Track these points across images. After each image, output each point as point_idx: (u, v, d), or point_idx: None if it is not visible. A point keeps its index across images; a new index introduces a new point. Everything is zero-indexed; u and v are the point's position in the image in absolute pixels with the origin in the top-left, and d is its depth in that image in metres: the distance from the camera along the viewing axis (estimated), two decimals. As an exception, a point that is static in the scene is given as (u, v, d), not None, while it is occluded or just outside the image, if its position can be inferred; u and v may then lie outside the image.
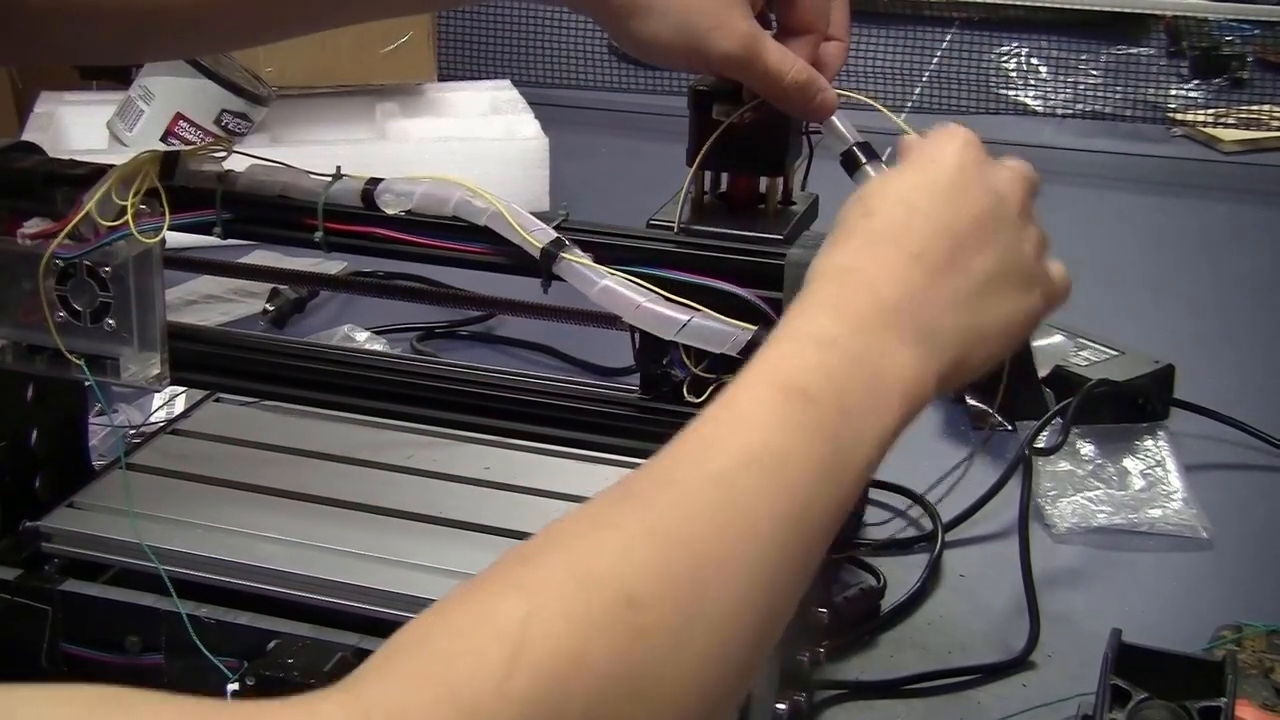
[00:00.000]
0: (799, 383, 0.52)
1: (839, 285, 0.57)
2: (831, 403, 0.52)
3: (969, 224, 0.60)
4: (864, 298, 0.56)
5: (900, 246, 0.58)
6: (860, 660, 0.87)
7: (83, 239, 0.74)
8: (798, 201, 0.75)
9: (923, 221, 0.59)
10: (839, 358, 0.54)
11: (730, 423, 0.51)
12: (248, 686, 0.73)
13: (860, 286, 0.56)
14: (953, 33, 2.30)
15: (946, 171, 0.61)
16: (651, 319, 0.67)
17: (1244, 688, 0.78)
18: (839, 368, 0.53)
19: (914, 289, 0.57)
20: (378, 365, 0.84)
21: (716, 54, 0.68)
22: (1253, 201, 1.83)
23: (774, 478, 0.50)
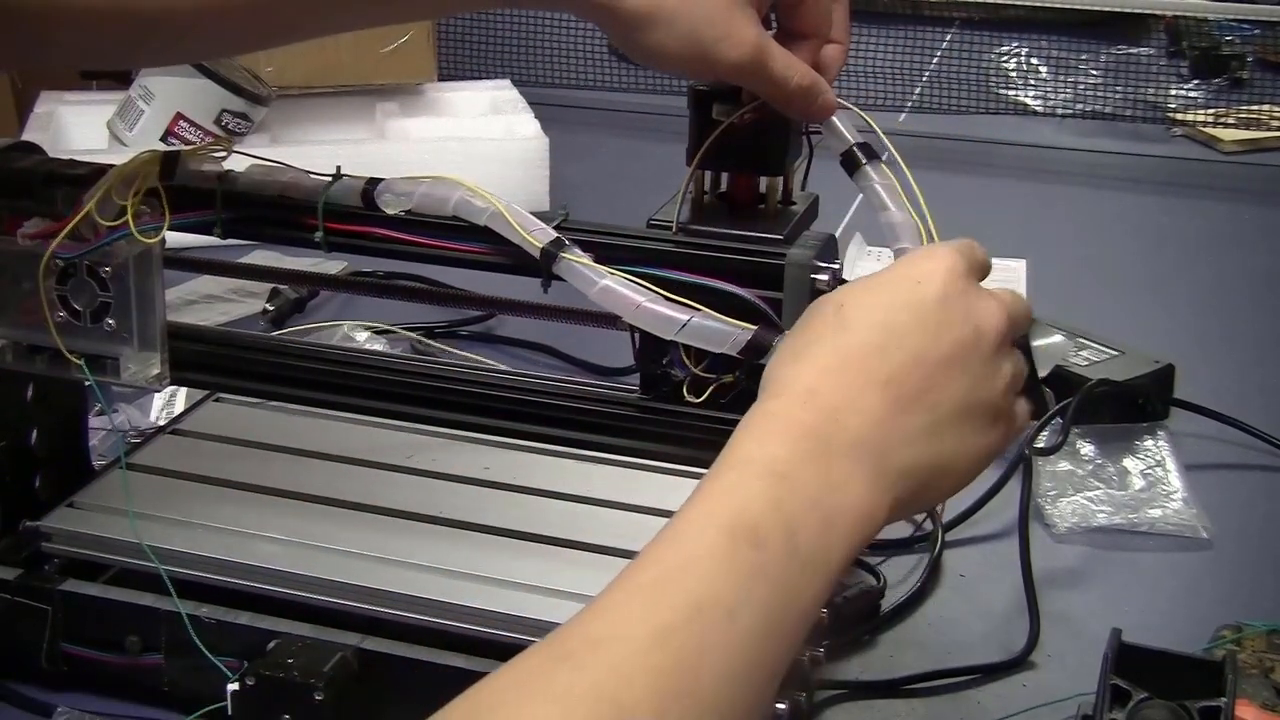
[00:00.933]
0: (749, 524, 0.51)
1: (800, 409, 0.56)
2: (782, 546, 0.51)
3: (944, 356, 0.59)
4: (824, 426, 0.55)
5: (870, 374, 0.57)
6: (860, 660, 0.87)
7: (83, 239, 0.74)
8: (798, 201, 0.75)
9: (897, 348, 0.58)
10: (792, 495, 0.53)
11: (676, 569, 0.50)
12: (248, 686, 0.74)
13: (822, 413, 0.55)
14: (953, 33, 2.30)
15: (931, 296, 0.59)
16: (651, 319, 0.67)
17: (1244, 688, 0.78)
18: (791, 506, 0.52)
19: (878, 421, 0.56)
20: (378, 365, 0.84)
21: (724, 64, 0.68)
22: (1253, 201, 1.83)
23: (721, 633, 0.48)
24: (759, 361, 0.65)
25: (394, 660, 0.75)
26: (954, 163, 0.69)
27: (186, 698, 0.77)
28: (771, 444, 0.54)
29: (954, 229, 0.80)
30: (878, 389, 0.57)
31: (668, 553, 0.51)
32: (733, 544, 0.50)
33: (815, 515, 0.53)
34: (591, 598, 0.74)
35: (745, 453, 0.54)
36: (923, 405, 0.58)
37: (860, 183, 0.70)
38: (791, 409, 0.56)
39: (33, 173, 0.78)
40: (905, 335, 0.58)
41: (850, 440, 0.55)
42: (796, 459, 0.54)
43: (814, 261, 0.67)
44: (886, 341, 0.58)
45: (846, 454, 0.55)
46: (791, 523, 0.52)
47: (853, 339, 0.58)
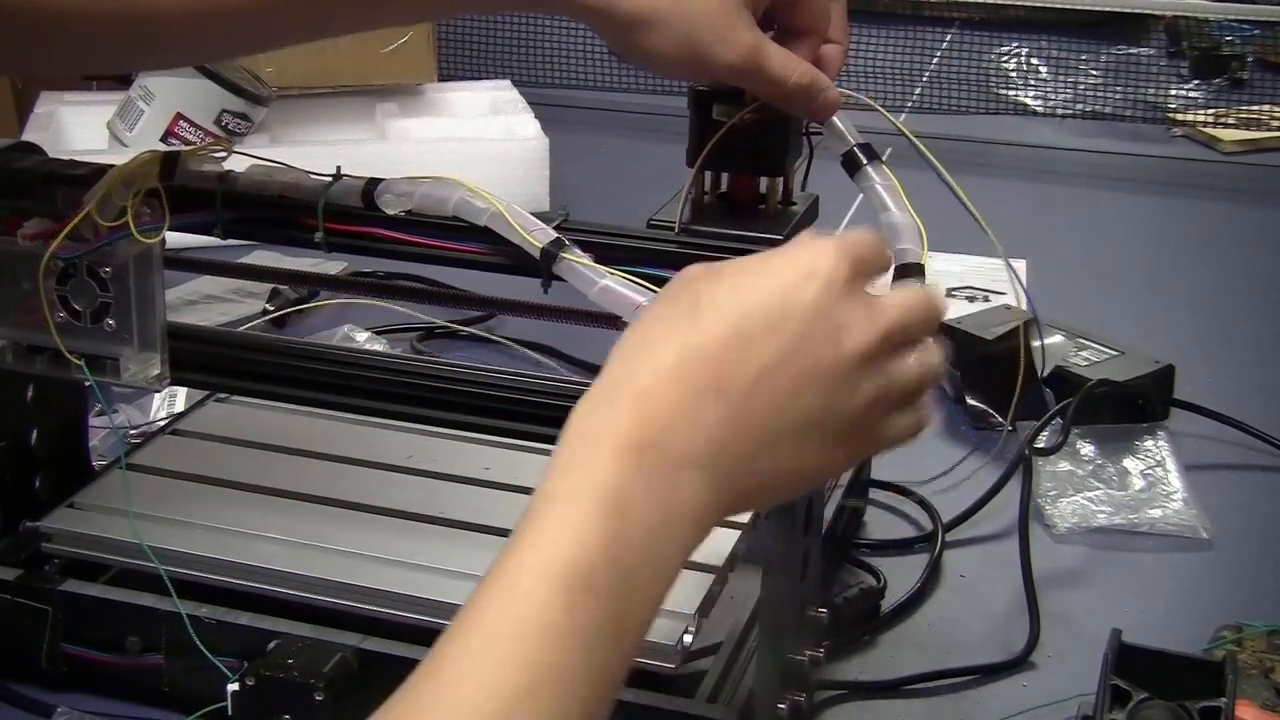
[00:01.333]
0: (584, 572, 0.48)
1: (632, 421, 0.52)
2: (620, 586, 0.49)
3: (795, 373, 0.55)
4: (657, 441, 0.52)
5: (712, 384, 0.53)
6: (860, 660, 0.87)
7: (83, 239, 0.74)
8: (798, 201, 0.75)
9: (744, 359, 0.54)
10: (627, 529, 0.50)
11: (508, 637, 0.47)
12: (248, 686, 0.74)
13: (655, 427, 0.52)
14: (953, 33, 2.31)
15: (795, 306, 0.55)
16: None
17: (1244, 688, 0.78)
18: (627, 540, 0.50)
19: (714, 437, 0.53)
20: (378, 365, 0.84)
21: (720, 66, 0.68)
22: (1253, 201, 1.83)
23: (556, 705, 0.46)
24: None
25: (394, 660, 0.75)
26: (954, 163, 0.69)
27: (186, 698, 0.77)
28: (602, 469, 0.51)
29: (954, 229, 0.80)
30: (717, 400, 0.53)
31: (499, 617, 0.47)
32: (569, 600, 0.48)
33: (652, 542, 0.51)
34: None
35: (575, 483, 0.51)
36: (764, 421, 0.54)
37: (861, 183, 0.70)
38: (621, 422, 0.52)
39: (33, 173, 0.78)
40: (757, 345, 0.54)
41: (683, 456, 0.52)
42: (629, 485, 0.51)
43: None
44: (736, 350, 0.54)
45: (680, 469, 0.52)
46: (628, 559, 0.50)
47: (701, 341, 0.54)
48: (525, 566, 0.49)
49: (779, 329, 0.55)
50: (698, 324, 0.55)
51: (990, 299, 1.40)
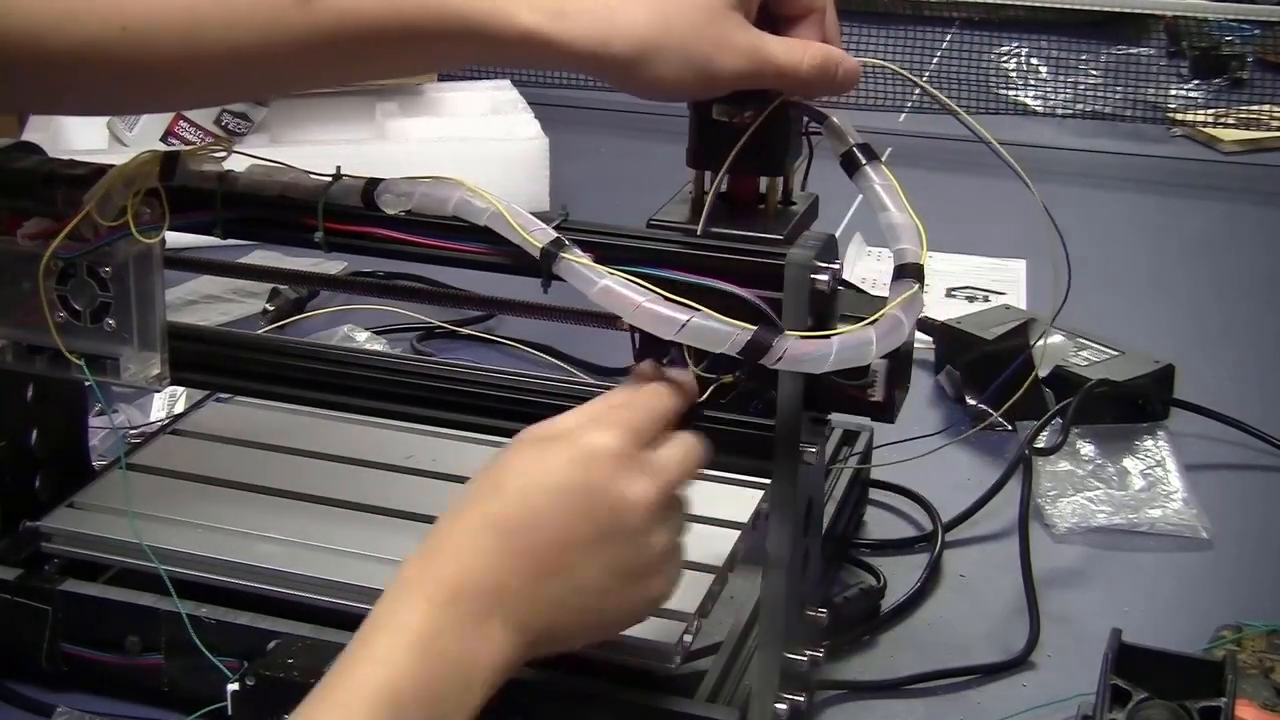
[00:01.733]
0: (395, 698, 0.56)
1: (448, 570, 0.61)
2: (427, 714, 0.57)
3: (585, 537, 0.63)
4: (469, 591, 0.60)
5: (513, 542, 0.62)
6: (860, 660, 0.87)
7: (83, 239, 0.74)
8: (798, 201, 0.75)
9: (540, 525, 0.62)
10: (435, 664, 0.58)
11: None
12: (248, 686, 0.74)
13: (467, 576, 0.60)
14: (953, 33, 2.30)
15: (575, 483, 0.63)
16: (651, 319, 0.67)
17: (1244, 688, 0.78)
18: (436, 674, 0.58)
19: (518, 589, 0.61)
20: (378, 365, 0.84)
21: (727, 75, 0.68)
22: (1253, 201, 1.83)
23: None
24: (759, 362, 0.65)
25: (394, 660, 0.75)
26: (954, 163, 0.69)
27: (186, 698, 0.77)
28: (419, 610, 0.59)
29: (954, 229, 0.80)
30: (517, 557, 0.61)
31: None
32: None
33: (458, 678, 0.59)
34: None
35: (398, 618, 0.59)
36: (563, 577, 0.62)
37: (860, 183, 0.70)
38: (436, 572, 0.61)
39: (33, 173, 0.78)
40: (549, 515, 0.62)
41: (492, 604, 0.60)
42: (442, 629, 0.59)
43: (814, 261, 0.67)
44: (530, 518, 0.62)
45: (488, 617, 0.60)
46: (435, 690, 0.58)
47: (501, 508, 0.62)
48: (348, 687, 0.57)
49: (567, 503, 0.63)
50: (498, 496, 0.63)
51: (990, 299, 1.40)
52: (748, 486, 0.86)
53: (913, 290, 0.66)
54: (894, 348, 0.66)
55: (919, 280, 0.67)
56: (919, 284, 0.67)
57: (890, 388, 0.69)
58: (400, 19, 0.66)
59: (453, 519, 0.63)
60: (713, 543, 0.82)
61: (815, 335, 0.65)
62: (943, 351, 1.23)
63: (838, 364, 0.64)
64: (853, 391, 0.68)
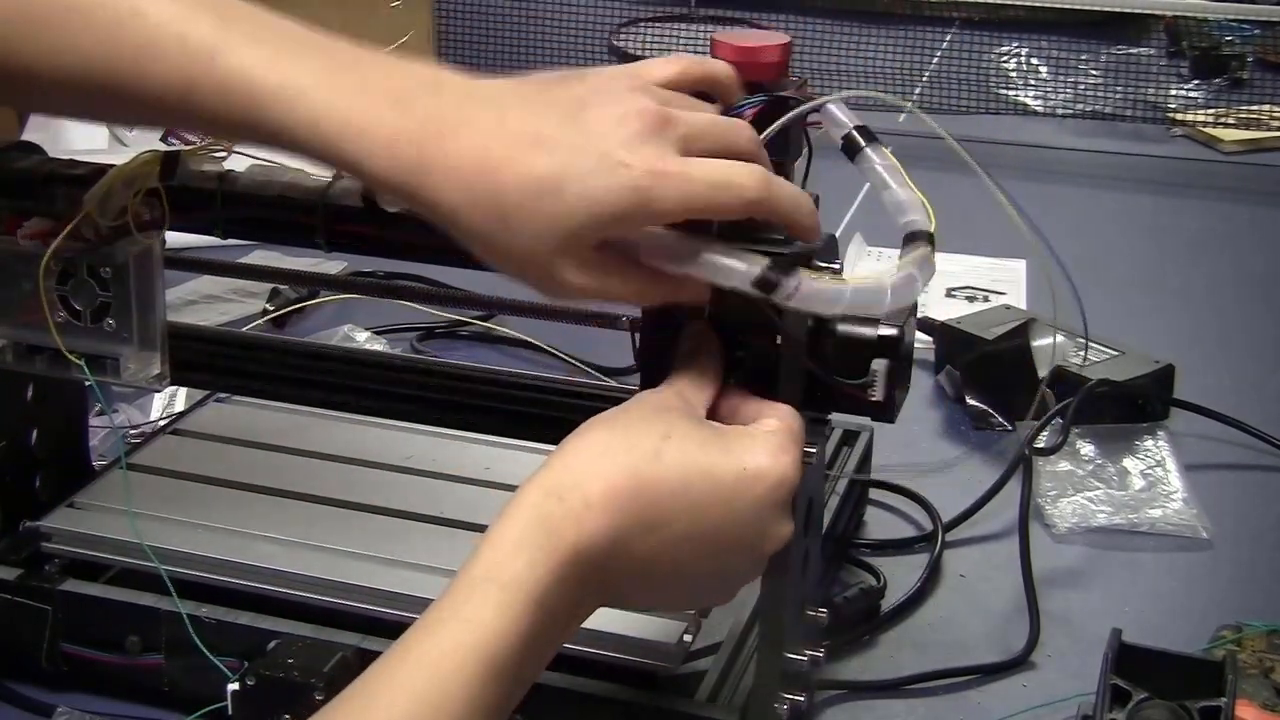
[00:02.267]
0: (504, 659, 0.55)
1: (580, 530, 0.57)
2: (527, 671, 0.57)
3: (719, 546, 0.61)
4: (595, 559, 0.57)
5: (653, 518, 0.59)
6: (860, 660, 0.87)
7: (83, 239, 0.74)
8: (798, 201, 0.74)
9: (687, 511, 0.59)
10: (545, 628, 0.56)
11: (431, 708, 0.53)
12: (248, 686, 0.74)
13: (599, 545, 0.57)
14: (953, 33, 2.30)
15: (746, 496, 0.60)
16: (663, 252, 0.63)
17: (1244, 688, 0.78)
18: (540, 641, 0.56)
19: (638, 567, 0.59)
20: (378, 365, 0.84)
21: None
22: (1253, 201, 1.83)
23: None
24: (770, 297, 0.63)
25: (394, 660, 0.75)
26: (954, 163, 0.69)
27: (186, 698, 0.77)
28: (541, 565, 0.56)
29: (954, 229, 0.80)
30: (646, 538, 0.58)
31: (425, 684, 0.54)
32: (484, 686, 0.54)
33: (554, 643, 0.58)
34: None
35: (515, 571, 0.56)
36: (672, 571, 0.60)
37: (862, 165, 0.69)
38: (567, 532, 0.57)
39: (33, 173, 0.78)
40: (699, 508, 0.59)
41: (606, 583, 0.58)
42: (559, 593, 0.56)
43: (814, 261, 0.66)
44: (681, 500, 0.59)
45: (600, 592, 0.59)
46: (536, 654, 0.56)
47: (658, 477, 0.59)
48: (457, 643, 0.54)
49: (722, 506, 0.60)
50: (660, 460, 0.59)
51: (990, 299, 1.40)
52: (748, 486, 0.86)
53: (925, 250, 0.65)
54: (906, 303, 0.65)
55: (930, 244, 0.65)
56: (930, 247, 0.65)
57: (890, 388, 0.68)
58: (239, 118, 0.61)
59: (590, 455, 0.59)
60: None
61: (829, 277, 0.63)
62: (943, 351, 1.23)
63: (849, 308, 0.62)
64: (853, 391, 0.68)
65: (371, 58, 0.62)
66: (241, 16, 0.62)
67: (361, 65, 0.61)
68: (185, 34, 0.60)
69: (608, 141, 0.59)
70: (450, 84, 0.61)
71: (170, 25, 0.60)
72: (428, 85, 0.60)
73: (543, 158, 0.58)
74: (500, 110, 0.60)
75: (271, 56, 0.60)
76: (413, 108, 0.59)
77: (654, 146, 0.59)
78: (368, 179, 0.61)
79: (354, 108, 0.59)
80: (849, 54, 2.13)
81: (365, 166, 0.60)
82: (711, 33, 0.73)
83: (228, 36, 0.60)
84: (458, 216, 0.59)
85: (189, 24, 0.60)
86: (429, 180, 0.59)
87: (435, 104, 0.60)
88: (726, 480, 0.60)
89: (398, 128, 0.59)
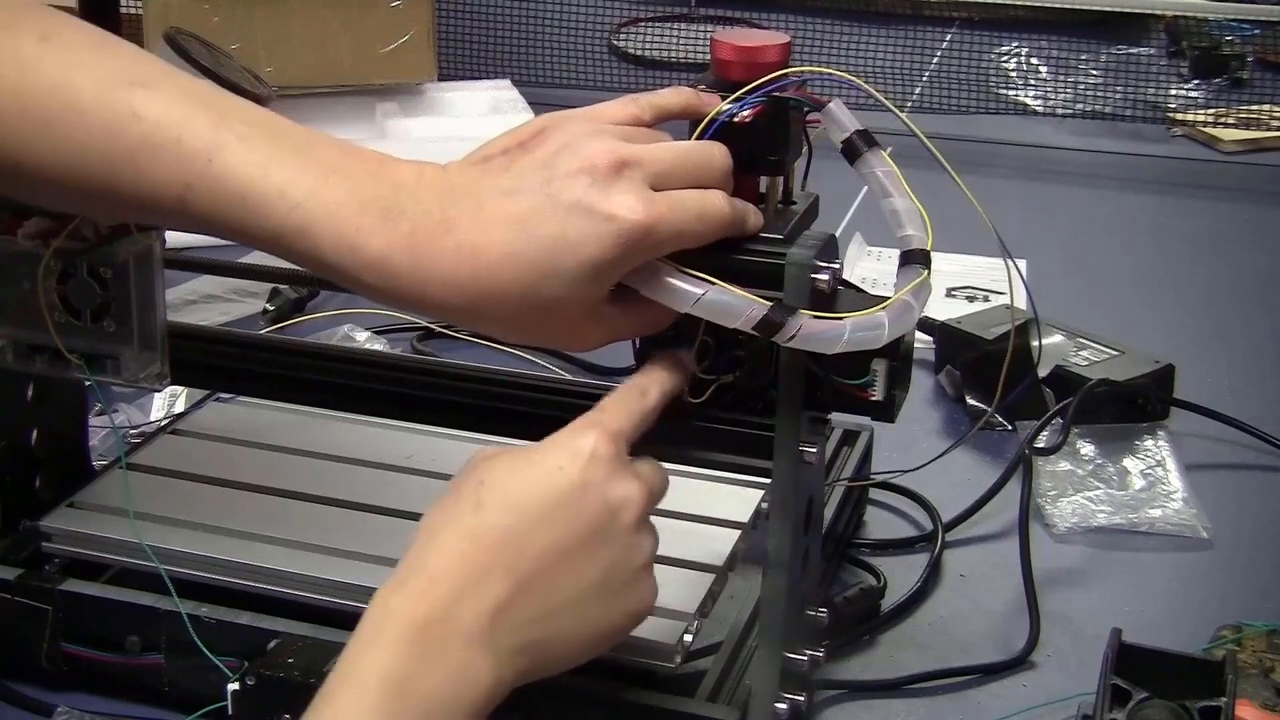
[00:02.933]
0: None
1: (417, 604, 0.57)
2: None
3: (574, 544, 0.61)
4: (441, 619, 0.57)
5: (496, 560, 0.59)
6: (860, 660, 0.87)
7: (83, 239, 0.74)
8: (798, 201, 0.75)
9: (527, 535, 0.59)
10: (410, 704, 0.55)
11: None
12: (248, 686, 0.74)
13: (439, 605, 0.57)
14: (953, 33, 2.30)
15: (567, 484, 0.61)
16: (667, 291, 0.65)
17: (1244, 688, 0.78)
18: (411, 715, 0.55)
19: (498, 608, 0.58)
20: (378, 365, 0.84)
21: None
22: (1253, 201, 1.83)
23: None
24: (772, 339, 0.64)
25: (394, 660, 0.75)
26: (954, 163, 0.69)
27: (186, 698, 0.77)
28: (388, 652, 0.56)
29: (954, 228, 0.80)
30: (501, 575, 0.58)
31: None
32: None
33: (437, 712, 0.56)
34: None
35: (363, 666, 0.56)
36: (546, 589, 0.60)
37: (861, 170, 0.69)
38: (408, 605, 0.57)
39: (33, 173, 0.77)
40: (537, 522, 0.60)
41: (469, 630, 0.57)
42: (411, 668, 0.55)
43: (814, 261, 0.67)
44: (517, 527, 0.59)
45: (465, 645, 0.57)
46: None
47: (485, 521, 0.59)
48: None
49: (555, 507, 0.60)
50: (482, 507, 0.60)
51: (990, 299, 1.40)
52: (748, 486, 0.86)
53: (922, 276, 0.66)
54: (904, 332, 0.65)
55: (926, 266, 0.66)
56: (927, 270, 0.66)
57: (890, 388, 0.68)
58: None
59: (426, 542, 0.60)
60: (713, 543, 0.82)
61: (828, 316, 0.64)
62: (943, 351, 1.23)
63: (849, 345, 0.64)
64: (853, 391, 0.68)
65: (357, 156, 0.64)
66: (233, 111, 0.62)
67: (350, 166, 0.63)
68: (182, 138, 0.61)
69: (584, 199, 0.61)
70: (429, 179, 0.64)
71: (168, 129, 0.61)
72: (409, 186, 0.63)
73: (531, 242, 0.60)
74: (478, 200, 0.62)
75: (266, 161, 0.60)
76: (401, 216, 0.61)
77: (625, 189, 0.61)
78: (366, 293, 0.62)
79: (346, 221, 0.60)
80: (849, 54, 2.13)
81: (362, 282, 0.61)
82: (711, 33, 0.73)
83: (224, 139, 0.61)
84: (467, 318, 0.62)
85: (186, 127, 0.61)
86: (428, 291, 0.61)
87: (419, 207, 0.62)
88: (550, 491, 0.61)
89: (389, 241, 0.60)
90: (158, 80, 0.62)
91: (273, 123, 0.63)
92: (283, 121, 0.63)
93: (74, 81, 0.61)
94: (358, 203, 0.61)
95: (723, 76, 0.71)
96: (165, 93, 0.61)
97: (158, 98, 0.61)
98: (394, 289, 0.61)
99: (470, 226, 0.61)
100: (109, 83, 0.61)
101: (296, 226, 0.60)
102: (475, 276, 0.60)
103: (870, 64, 2.12)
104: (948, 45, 2.26)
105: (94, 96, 0.61)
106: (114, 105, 0.61)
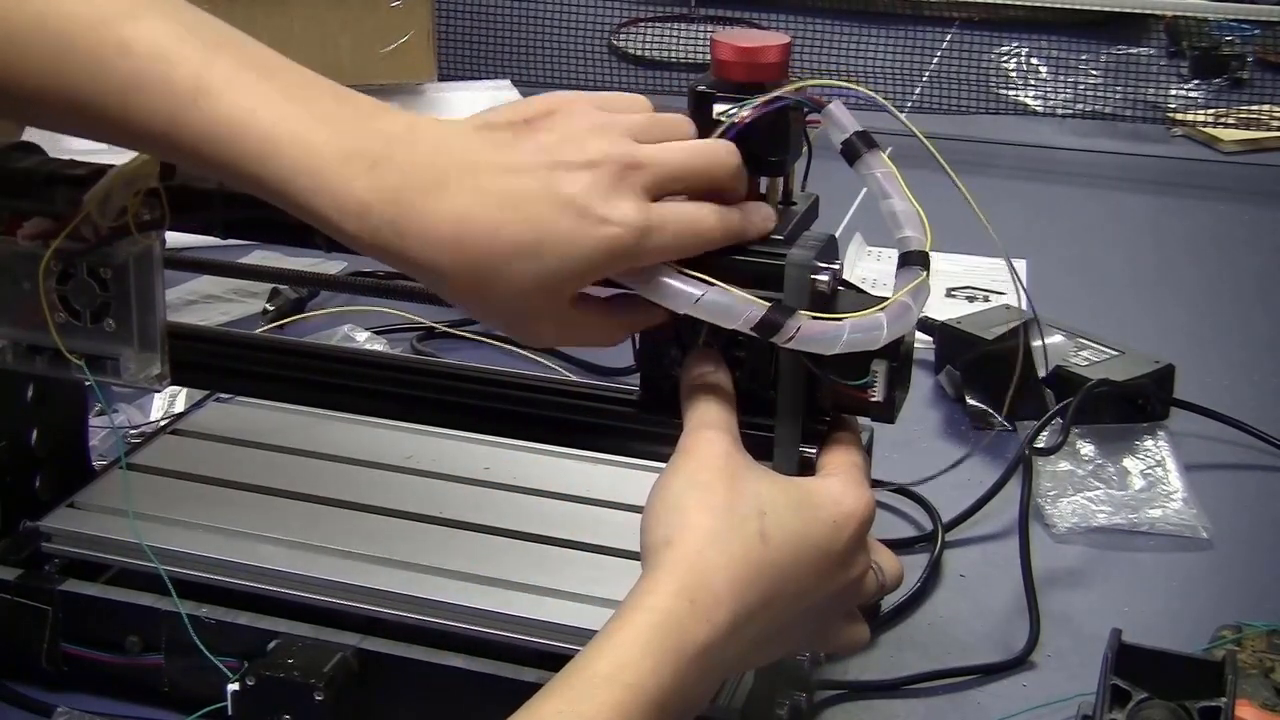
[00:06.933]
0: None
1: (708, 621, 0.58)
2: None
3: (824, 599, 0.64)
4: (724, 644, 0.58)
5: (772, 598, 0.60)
6: (860, 660, 0.87)
7: (83, 239, 0.74)
8: (798, 201, 0.75)
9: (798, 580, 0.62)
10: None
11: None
12: (248, 686, 0.74)
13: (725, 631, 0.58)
14: (953, 33, 2.30)
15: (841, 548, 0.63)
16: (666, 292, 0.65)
17: (1244, 688, 0.78)
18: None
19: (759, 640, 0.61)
20: (378, 365, 0.84)
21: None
22: (1253, 201, 1.83)
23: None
24: (770, 340, 0.64)
25: (394, 660, 0.75)
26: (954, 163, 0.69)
27: (186, 698, 0.77)
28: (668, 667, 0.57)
29: (954, 228, 0.80)
30: (767, 615, 0.60)
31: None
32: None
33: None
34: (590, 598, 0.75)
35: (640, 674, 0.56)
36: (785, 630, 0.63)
37: (861, 171, 0.69)
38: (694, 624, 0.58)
39: (33, 173, 0.78)
40: (808, 573, 0.62)
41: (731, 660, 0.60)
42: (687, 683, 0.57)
43: (814, 261, 0.67)
44: (793, 573, 0.61)
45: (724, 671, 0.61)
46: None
47: (769, 558, 0.61)
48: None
49: (821, 563, 0.62)
50: (768, 542, 0.61)
51: (990, 299, 1.40)
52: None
53: (921, 277, 0.66)
54: (903, 333, 0.65)
55: (925, 267, 0.66)
56: (925, 271, 0.66)
57: (890, 388, 0.68)
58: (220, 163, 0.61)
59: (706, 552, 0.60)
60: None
61: (827, 317, 0.64)
62: (943, 351, 1.23)
63: (848, 346, 0.64)
64: (853, 392, 0.68)
65: (351, 103, 0.62)
66: (225, 45, 0.62)
67: (340, 114, 0.61)
68: (169, 74, 0.60)
69: (582, 198, 0.60)
70: (425, 134, 0.62)
71: (156, 63, 0.60)
72: (403, 138, 0.61)
73: (519, 222, 0.60)
74: (474, 168, 0.60)
75: (253, 103, 0.60)
76: (389, 167, 0.60)
77: (625, 195, 0.61)
78: (344, 240, 0.61)
79: (331, 169, 0.60)
80: (849, 54, 2.13)
81: (344, 229, 0.60)
82: (711, 33, 0.73)
83: (211, 77, 0.60)
84: (434, 277, 0.61)
85: (174, 63, 0.60)
86: (405, 244, 0.60)
87: (411, 161, 0.60)
88: (823, 541, 0.63)
89: (373, 191, 0.59)
90: (147, 10, 0.61)
91: (264, 60, 0.62)
92: (275, 59, 0.62)
93: (63, 10, 0.61)
94: (344, 151, 0.60)
95: (723, 77, 0.71)
96: (154, 25, 0.61)
97: (145, 31, 0.60)
98: (373, 240, 0.60)
99: (460, 191, 0.60)
100: (99, 14, 0.61)
101: (280, 172, 0.60)
102: (457, 240, 0.60)
103: (870, 64, 2.12)
104: (947, 45, 2.26)
105: (82, 27, 0.60)
106: (102, 37, 0.60)
